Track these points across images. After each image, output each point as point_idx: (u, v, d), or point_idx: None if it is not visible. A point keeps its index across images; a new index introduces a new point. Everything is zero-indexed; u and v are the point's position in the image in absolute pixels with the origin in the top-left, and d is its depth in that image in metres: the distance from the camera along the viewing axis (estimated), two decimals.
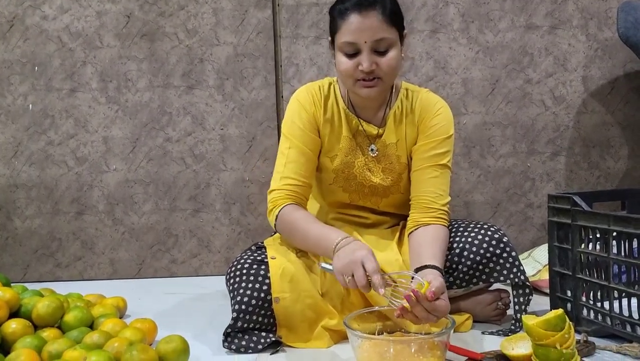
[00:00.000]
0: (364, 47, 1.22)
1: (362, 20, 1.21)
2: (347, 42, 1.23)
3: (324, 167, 1.40)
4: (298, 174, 1.32)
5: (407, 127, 1.37)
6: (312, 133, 1.35)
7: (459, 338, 1.26)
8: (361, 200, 1.43)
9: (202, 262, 2.04)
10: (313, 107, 1.36)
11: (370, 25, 1.21)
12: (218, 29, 1.99)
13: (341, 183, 1.40)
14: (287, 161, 1.33)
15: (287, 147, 1.34)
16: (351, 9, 1.22)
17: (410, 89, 1.40)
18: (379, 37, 1.22)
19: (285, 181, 1.32)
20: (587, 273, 1.24)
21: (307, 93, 1.37)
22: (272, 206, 1.32)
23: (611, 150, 2.03)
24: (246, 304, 1.21)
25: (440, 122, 1.35)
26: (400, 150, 1.38)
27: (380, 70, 1.24)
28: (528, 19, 1.99)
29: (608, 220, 1.17)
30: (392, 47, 1.25)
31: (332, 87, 1.39)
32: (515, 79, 2.01)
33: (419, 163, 1.35)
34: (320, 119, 1.36)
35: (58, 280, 2.01)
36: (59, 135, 2.01)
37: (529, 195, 2.04)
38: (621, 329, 1.16)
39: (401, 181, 1.40)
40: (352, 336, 1.05)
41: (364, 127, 1.37)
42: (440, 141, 1.34)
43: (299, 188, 1.32)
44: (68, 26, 1.98)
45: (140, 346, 1.08)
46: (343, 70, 1.26)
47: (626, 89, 2.01)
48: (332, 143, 1.38)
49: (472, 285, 1.31)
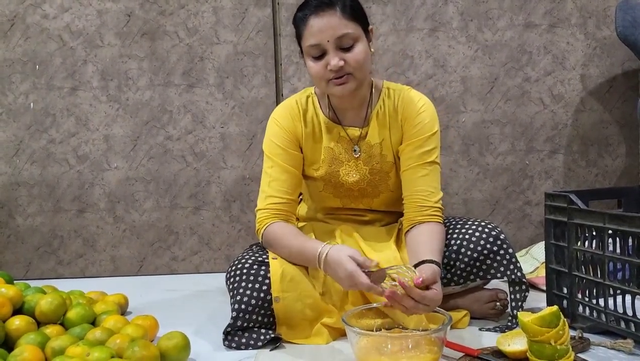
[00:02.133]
0: (329, 47, 1.24)
1: (321, 20, 1.23)
2: (311, 45, 1.25)
3: (311, 177, 1.42)
4: (282, 192, 1.34)
5: (391, 127, 1.38)
6: (293, 150, 1.37)
7: (456, 334, 1.27)
8: (353, 203, 1.45)
9: (203, 259, 2.06)
10: (292, 124, 1.38)
11: (330, 24, 1.23)
12: (218, 28, 2.00)
13: (331, 190, 1.43)
14: (270, 180, 1.36)
15: (270, 166, 1.37)
16: (309, 13, 1.25)
17: (391, 87, 1.41)
18: (340, 33, 1.23)
19: (270, 200, 1.34)
20: (582, 271, 1.26)
21: (285, 111, 1.39)
22: (258, 226, 1.35)
23: (609, 148, 2.04)
24: (246, 304, 1.23)
25: (424, 119, 1.36)
26: (386, 149, 1.39)
27: (349, 65, 1.25)
28: (527, 18, 2.00)
29: (603, 218, 1.18)
30: (357, 42, 1.26)
31: (309, 99, 1.41)
32: (514, 77, 2.02)
33: (408, 163, 1.35)
34: (302, 134, 1.38)
35: (60, 277, 2.03)
36: (60, 133, 2.02)
37: (527, 192, 2.05)
38: (616, 325, 1.18)
39: (389, 180, 1.41)
40: (350, 332, 1.06)
41: (346, 132, 1.38)
42: (426, 139, 1.35)
43: (283, 205, 1.34)
44: (69, 25, 2.00)
45: (141, 343, 1.10)
46: (314, 73, 1.28)
47: (624, 87, 2.02)
48: (315, 156, 1.40)
49: (469, 281, 1.32)
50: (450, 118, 2.03)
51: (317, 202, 1.49)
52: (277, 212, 1.34)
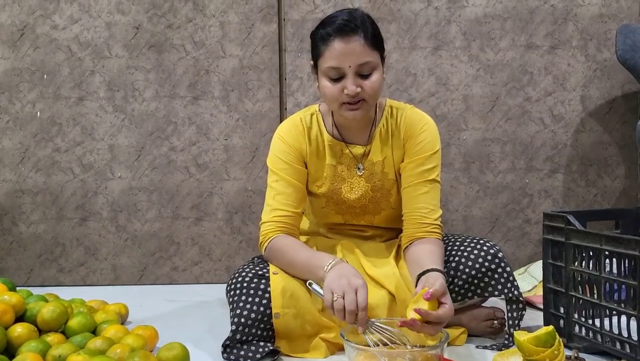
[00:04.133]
0: (349, 72, 1.25)
1: (346, 45, 1.24)
2: (331, 67, 1.26)
3: (314, 193, 1.44)
4: (287, 205, 1.36)
5: (393, 145, 1.40)
6: (297, 165, 1.39)
7: (453, 351, 1.28)
8: (355, 220, 1.46)
9: (203, 269, 2.07)
10: (297, 141, 1.39)
11: (354, 50, 1.24)
12: (224, 42, 2.03)
13: (333, 207, 1.45)
14: (275, 193, 1.37)
15: (275, 180, 1.38)
16: (334, 35, 1.25)
17: (394, 106, 1.43)
18: (362, 61, 1.25)
19: (275, 213, 1.36)
20: (579, 291, 1.27)
21: (290, 128, 1.41)
22: (262, 239, 1.36)
23: (608, 169, 2.06)
24: (245, 318, 1.24)
25: (426, 138, 1.38)
26: (388, 167, 1.41)
27: (365, 92, 1.28)
28: (528, 39, 2.03)
29: (600, 240, 1.20)
30: (375, 70, 1.28)
31: (314, 117, 1.42)
32: (515, 96, 2.05)
33: (409, 181, 1.37)
34: (306, 151, 1.40)
35: (61, 284, 2.04)
36: (66, 142, 2.05)
37: (526, 211, 2.07)
38: (611, 346, 1.19)
39: (391, 197, 1.43)
40: (348, 347, 1.07)
41: (350, 150, 1.40)
42: (428, 157, 1.37)
43: (288, 218, 1.35)
44: (78, 36, 2.03)
45: (141, 353, 1.11)
46: (329, 94, 1.29)
47: (624, 109, 2.05)
48: (318, 173, 1.42)
49: (467, 298, 1.34)
50: (451, 135, 2.06)
51: (319, 218, 1.50)
52: (283, 225, 1.35)
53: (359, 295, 1.11)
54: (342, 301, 1.11)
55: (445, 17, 2.03)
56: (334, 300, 1.11)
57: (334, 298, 1.11)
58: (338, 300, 1.11)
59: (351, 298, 1.10)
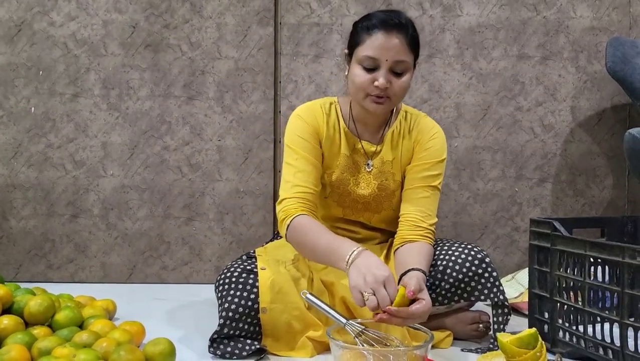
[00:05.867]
0: (384, 65, 1.27)
1: (388, 39, 1.26)
2: (369, 56, 1.27)
3: (322, 181, 1.43)
4: (308, 182, 1.33)
5: (404, 147, 1.42)
6: (316, 144, 1.38)
7: (438, 354, 1.29)
8: (354, 215, 1.47)
9: (193, 269, 2.07)
10: (315, 121, 1.39)
11: (394, 46, 1.26)
12: (220, 43, 2.05)
13: (336, 198, 1.45)
14: (296, 170, 1.34)
15: (295, 158, 1.35)
16: (379, 26, 1.27)
17: (409, 111, 1.46)
18: (399, 58, 1.28)
19: (296, 189, 1.32)
20: (564, 297, 1.29)
21: (309, 110, 1.41)
22: (284, 215, 1.30)
23: (596, 179, 2.09)
24: (233, 311, 1.25)
25: (435, 145, 1.41)
26: (395, 168, 1.43)
27: (392, 90, 1.29)
28: (520, 49, 2.06)
29: (585, 246, 1.22)
30: (407, 71, 1.31)
31: (333, 106, 1.43)
32: (506, 105, 2.07)
33: (411, 183, 1.40)
34: (323, 134, 1.40)
35: (49, 281, 2.04)
36: (59, 138, 2.05)
37: (515, 219, 2.09)
38: (594, 352, 1.20)
39: (394, 198, 1.44)
40: (334, 346, 1.08)
41: (362, 145, 1.42)
42: (434, 163, 1.40)
43: (310, 195, 1.32)
44: (74, 33, 2.04)
45: (127, 347, 1.12)
46: (358, 82, 1.30)
47: (613, 121, 2.08)
48: (331, 160, 1.42)
49: (453, 302, 1.35)
50: None
51: (319, 209, 1.49)
52: (304, 201, 1.31)
53: (389, 289, 1.09)
54: (374, 299, 1.08)
55: (440, 25, 2.05)
56: (365, 300, 1.09)
57: (365, 298, 1.09)
58: (370, 299, 1.08)
59: (382, 295, 1.08)
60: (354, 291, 1.12)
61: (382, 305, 1.08)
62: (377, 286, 1.09)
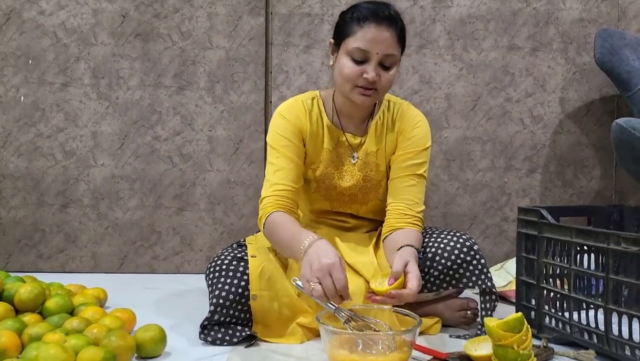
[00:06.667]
0: (374, 58, 1.28)
1: (379, 32, 1.27)
2: (359, 48, 1.27)
3: (307, 177, 1.45)
4: (287, 179, 1.35)
5: (387, 137, 1.43)
6: (298, 142, 1.39)
7: (427, 340, 1.31)
8: (342, 208, 1.49)
9: (184, 259, 2.08)
10: (298, 119, 1.40)
11: (385, 39, 1.27)
12: (211, 33, 2.04)
13: (323, 192, 1.46)
14: (276, 169, 1.36)
15: (275, 157, 1.37)
16: (371, 19, 1.27)
17: (392, 100, 1.47)
18: (389, 52, 1.28)
19: (275, 187, 1.34)
20: (550, 284, 1.31)
21: (291, 107, 1.42)
22: (262, 214, 1.33)
23: (584, 170, 2.11)
24: (224, 298, 1.26)
25: (419, 133, 1.42)
26: (380, 158, 1.44)
27: (380, 83, 1.30)
28: (511, 40, 2.07)
29: (571, 233, 1.23)
30: (394, 65, 1.32)
31: (315, 101, 1.43)
32: (496, 96, 2.09)
33: (397, 172, 1.41)
34: (307, 131, 1.41)
35: (39, 271, 2.03)
36: (49, 128, 2.04)
37: (504, 209, 2.11)
38: (579, 337, 1.23)
39: (380, 188, 1.45)
40: (323, 331, 1.09)
41: (347, 138, 1.42)
42: (418, 152, 1.41)
43: (288, 193, 1.34)
44: (64, 22, 2.02)
45: (118, 333, 1.12)
46: (347, 74, 1.30)
47: (601, 112, 2.10)
48: (315, 155, 1.43)
49: (442, 289, 1.36)
50: (433, 133, 2.05)
51: (306, 203, 1.51)
52: (282, 199, 1.33)
53: (335, 276, 1.09)
54: (319, 288, 1.09)
55: (430, 16, 2.06)
56: (312, 290, 1.10)
57: (311, 287, 1.10)
58: (315, 288, 1.09)
59: (327, 283, 1.09)
60: (302, 280, 1.13)
61: (329, 294, 1.09)
62: (323, 274, 1.09)
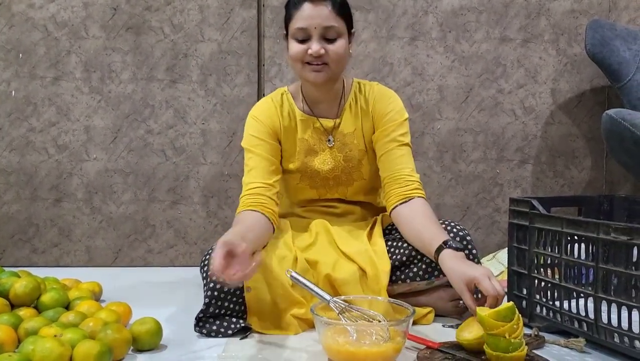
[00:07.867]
0: (314, 33, 1.33)
1: (314, 8, 1.33)
2: (299, 27, 1.34)
3: (289, 169, 1.48)
4: (259, 177, 1.40)
5: (363, 117, 1.47)
6: (271, 140, 1.44)
7: (420, 330, 1.32)
8: (329, 193, 1.52)
9: (178, 252, 2.08)
10: (270, 119, 1.45)
11: (321, 13, 1.33)
12: (203, 26, 2.03)
13: (307, 181, 1.49)
14: (249, 169, 1.42)
15: (249, 158, 1.43)
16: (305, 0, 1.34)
17: (362, 82, 1.52)
18: (328, 24, 1.33)
19: (247, 187, 1.39)
20: (541, 273, 1.32)
21: (262, 107, 1.47)
22: (236, 214, 1.38)
23: (575, 161, 2.13)
24: (218, 290, 1.27)
25: (395, 108, 1.47)
26: (358, 138, 1.48)
27: (328, 56, 1.35)
28: (502, 32, 2.08)
29: (561, 223, 1.25)
30: (340, 37, 1.36)
31: (284, 96, 1.49)
32: (488, 88, 2.10)
33: (384, 147, 1.44)
34: (280, 128, 1.45)
35: (34, 265, 2.03)
36: (41, 122, 2.03)
37: (497, 200, 2.13)
38: (570, 325, 1.24)
39: (362, 167, 1.49)
40: (318, 323, 1.10)
41: (321, 123, 1.46)
42: (398, 124, 1.45)
43: (260, 189, 1.38)
44: (54, 15, 2.01)
45: (114, 326, 1.13)
46: (293, 54, 1.36)
47: (592, 103, 2.11)
48: (292, 148, 1.47)
49: (433, 277, 1.38)
50: (426, 125, 2.10)
51: (293, 195, 1.54)
52: (254, 197, 1.37)
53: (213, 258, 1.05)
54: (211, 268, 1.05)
55: (423, 8, 2.06)
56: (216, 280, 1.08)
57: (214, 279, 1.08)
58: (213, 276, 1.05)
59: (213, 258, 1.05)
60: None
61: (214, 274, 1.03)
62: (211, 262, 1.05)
